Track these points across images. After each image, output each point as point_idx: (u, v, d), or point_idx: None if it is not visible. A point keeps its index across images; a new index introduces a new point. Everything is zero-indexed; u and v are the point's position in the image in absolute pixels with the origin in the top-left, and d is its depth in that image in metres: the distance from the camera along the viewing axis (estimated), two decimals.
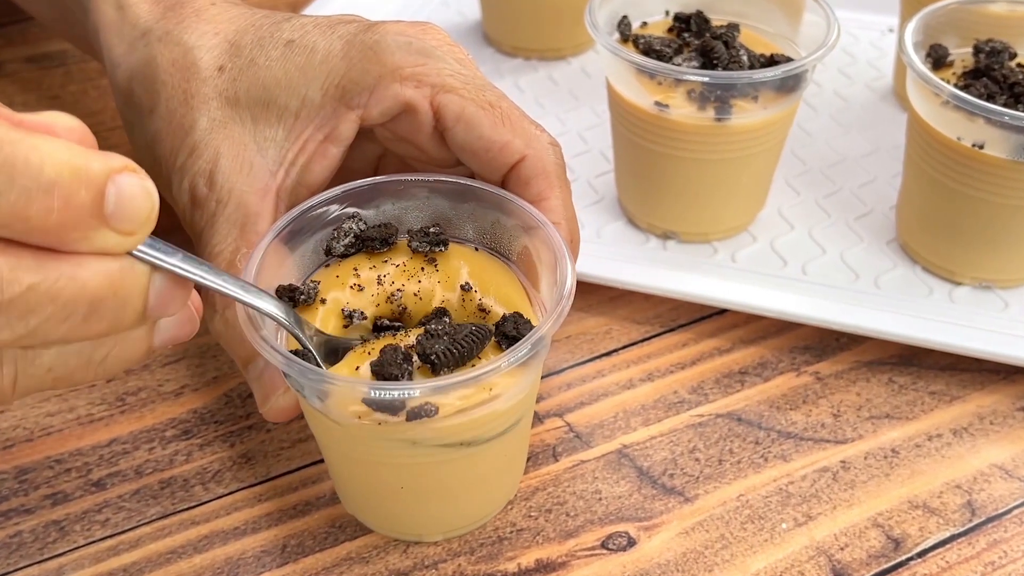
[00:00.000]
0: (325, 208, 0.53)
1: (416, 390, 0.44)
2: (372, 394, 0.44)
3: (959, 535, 0.54)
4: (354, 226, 0.53)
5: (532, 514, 0.55)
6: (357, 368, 0.48)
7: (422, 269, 0.52)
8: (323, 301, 0.51)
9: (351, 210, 0.54)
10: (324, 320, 0.50)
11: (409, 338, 0.49)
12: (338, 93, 0.54)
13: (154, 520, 0.55)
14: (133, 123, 0.60)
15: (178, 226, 0.57)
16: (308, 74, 0.55)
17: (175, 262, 0.40)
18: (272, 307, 0.46)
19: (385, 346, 0.47)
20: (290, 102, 0.55)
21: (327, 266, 0.53)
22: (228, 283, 0.44)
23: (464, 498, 0.53)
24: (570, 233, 0.54)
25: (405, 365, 0.46)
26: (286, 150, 0.55)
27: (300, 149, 0.55)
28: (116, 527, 0.54)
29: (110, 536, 0.54)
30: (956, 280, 0.68)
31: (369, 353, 0.48)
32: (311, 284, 0.51)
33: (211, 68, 0.57)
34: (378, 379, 0.46)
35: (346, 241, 0.53)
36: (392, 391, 0.44)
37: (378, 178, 0.55)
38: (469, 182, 0.54)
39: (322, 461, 0.57)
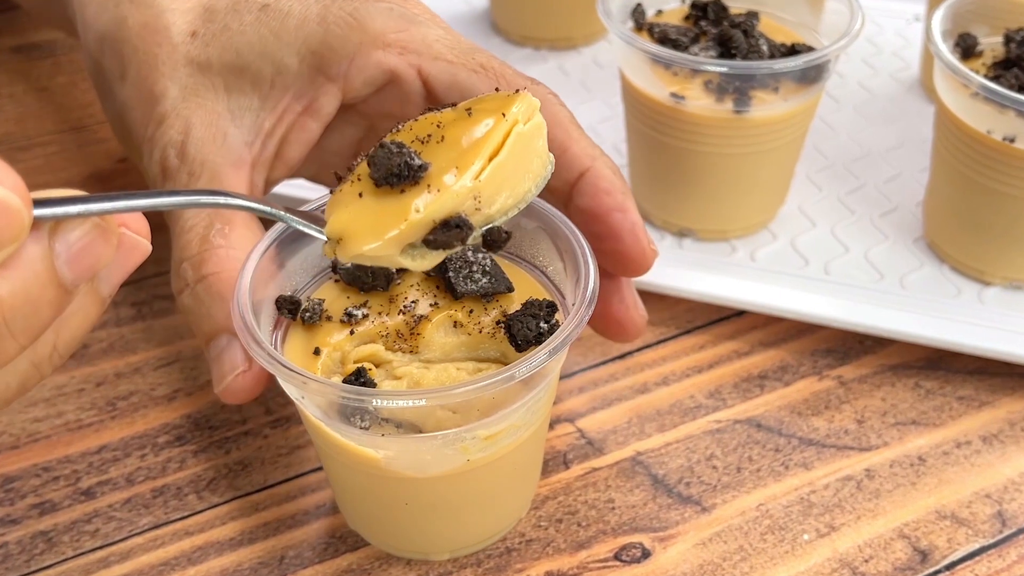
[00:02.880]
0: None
1: (422, 398, 0.44)
2: (379, 402, 0.44)
3: (989, 547, 0.54)
4: None
5: (542, 524, 0.55)
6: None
7: (437, 287, 0.51)
8: (329, 319, 0.50)
9: None
10: (327, 335, 0.50)
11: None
12: (315, 60, 0.54)
13: (146, 530, 0.55)
14: (103, 91, 0.60)
15: (166, 224, 0.57)
16: (283, 39, 0.54)
17: (76, 209, 0.36)
18: (221, 199, 0.43)
19: (373, 154, 0.43)
20: (264, 68, 0.54)
21: (336, 281, 0.53)
22: (145, 198, 0.39)
23: (472, 515, 0.53)
24: (608, 168, 0.54)
25: (401, 153, 0.43)
26: (262, 120, 0.55)
27: (278, 120, 0.55)
28: (106, 538, 0.54)
29: (100, 547, 0.54)
30: (986, 280, 0.67)
31: (358, 179, 0.45)
32: (315, 302, 0.50)
33: (183, 33, 0.56)
34: (383, 182, 0.43)
35: None
36: (398, 400, 0.44)
37: None
38: None
39: (322, 468, 0.57)
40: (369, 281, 0.51)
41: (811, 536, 0.55)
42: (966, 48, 0.67)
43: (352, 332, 0.50)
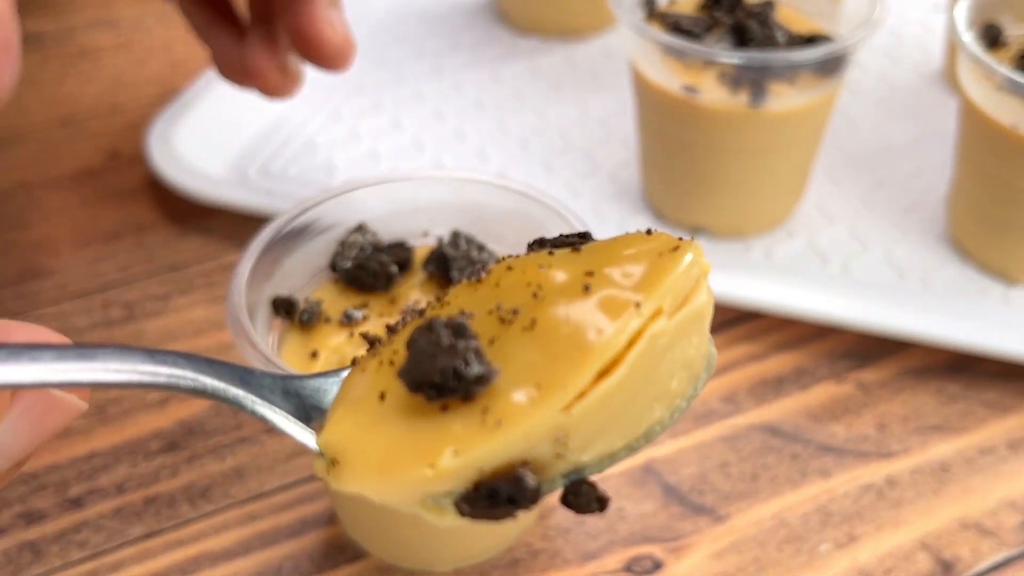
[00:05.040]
0: (335, 203, 0.53)
1: None
2: None
3: (1015, 558, 0.54)
4: (360, 238, 0.53)
5: (549, 534, 0.55)
6: (382, 396, 0.32)
7: (441, 287, 0.51)
8: (327, 320, 0.50)
9: (356, 220, 0.54)
10: (325, 338, 0.50)
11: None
12: None
13: (137, 541, 0.55)
14: None
15: (158, 221, 0.57)
16: None
17: None
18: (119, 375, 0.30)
19: (415, 335, 0.30)
20: None
21: (336, 282, 0.53)
22: (72, 360, 0.26)
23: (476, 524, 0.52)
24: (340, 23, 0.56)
25: (454, 351, 0.29)
26: None
27: None
28: (96, 548, 0.54)
29: (89, 558, 0.54)
30: (1011, 280, 0.67)
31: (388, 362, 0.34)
32: (313, 303, 0.50)
33: None
34: (416, 389, 0.30)
35: (353, 254, 0.52)
36: None
37: (389, 175, 0.55)
38: (490, 179, 0.54)
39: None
40: (370, 281, 0.51)
41: (829, 547, 0.54)
42: (992, 38, 0.66)
43: (352, 334, 0.50)
